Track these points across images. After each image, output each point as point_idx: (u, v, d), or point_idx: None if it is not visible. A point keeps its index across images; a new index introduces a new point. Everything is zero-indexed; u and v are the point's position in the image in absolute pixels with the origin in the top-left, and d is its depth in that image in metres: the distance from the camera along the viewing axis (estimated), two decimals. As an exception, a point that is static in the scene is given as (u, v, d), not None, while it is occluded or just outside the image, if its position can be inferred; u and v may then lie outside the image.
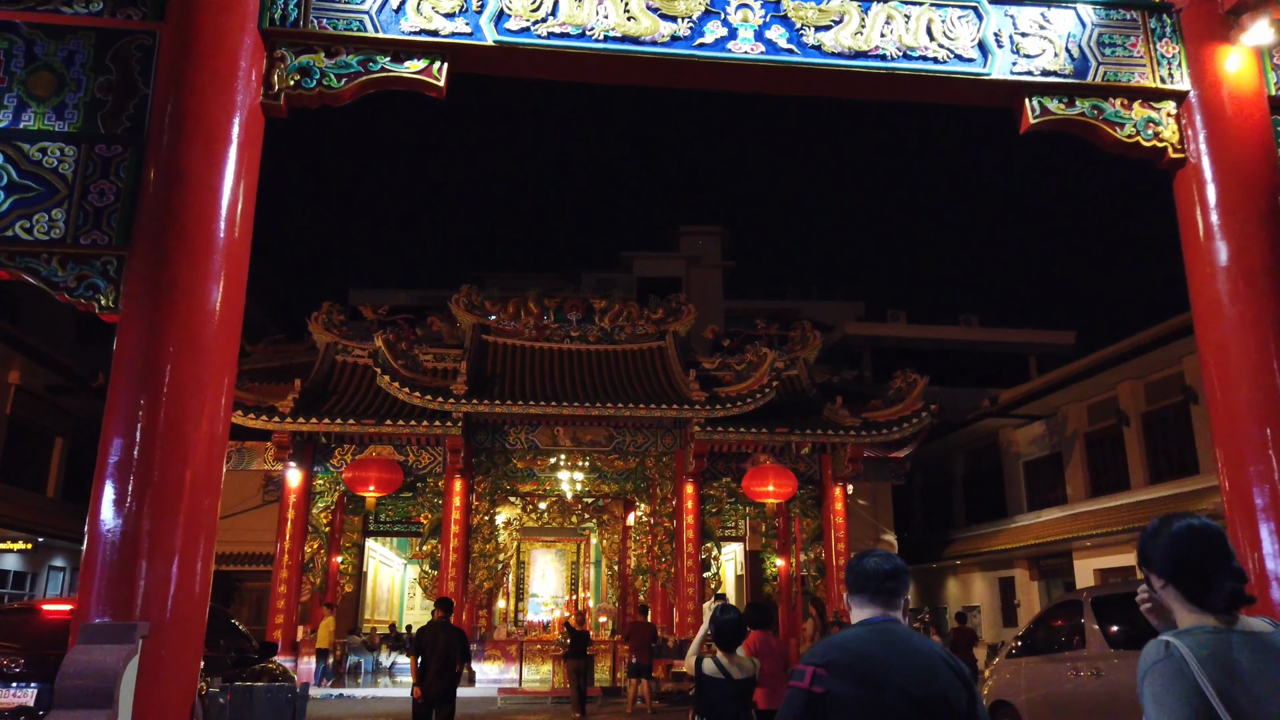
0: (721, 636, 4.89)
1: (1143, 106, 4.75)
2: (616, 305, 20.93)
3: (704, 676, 4.86)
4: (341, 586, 20.66)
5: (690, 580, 17.89)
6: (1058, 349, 35.18)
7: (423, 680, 7.89)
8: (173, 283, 3.44)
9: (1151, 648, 2.01)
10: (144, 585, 3.13)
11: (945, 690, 2.30)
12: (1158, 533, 2.16)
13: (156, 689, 3.06)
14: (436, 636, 7.98)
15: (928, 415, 18.02)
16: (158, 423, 3.28)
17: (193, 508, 3.36)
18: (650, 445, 18.66)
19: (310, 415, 16.72)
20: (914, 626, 13.02)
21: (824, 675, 2.29)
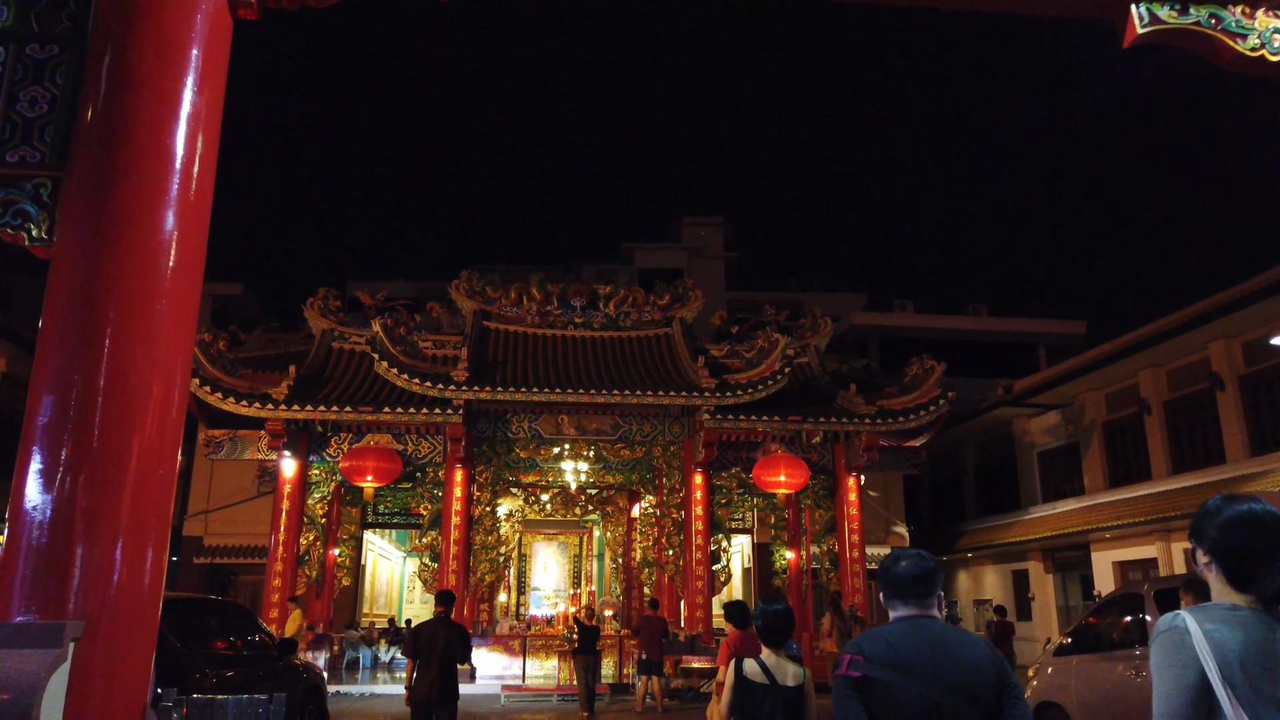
0: (768, 631, 4.10)
1: (1268, 15, 4.09)
2: (622, 291, 20.31)
3: (744, 680, 4.01)
4: (339, 580, 20.05)
5: (699, 573, 17.30)
6: (1068, 339, 34.59)
7: (421, 682, 7.28)
8: (119, 209, 2.81)
9: (1163, 620, 2.07)
10: (78, 576, 2.50)
11: (976, 680, 2.51)
12: (1218, 510, 2.12)
13: (92, 703, 2.46)
14: (436, 634, 7.36)
15: (945, 403, 17.41)
16: (98, 377, 2.65)
17: (142, 482, 2.73)
18: (657, 434, 18.05)
19: (305, 402, 16.10)
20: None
21: (861, 661, 2.54)
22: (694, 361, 18.16)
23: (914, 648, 2.56)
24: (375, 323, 16.58)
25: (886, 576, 2.72)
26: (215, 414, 16.74)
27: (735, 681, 4.07)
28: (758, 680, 3.99)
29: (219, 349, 16.34)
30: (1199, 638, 1.96)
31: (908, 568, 2.69)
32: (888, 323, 34.94)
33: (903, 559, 2.73)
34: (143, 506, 2.75)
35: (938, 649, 2.56)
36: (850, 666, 2.55)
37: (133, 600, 2.65)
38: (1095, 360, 21.03)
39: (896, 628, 2.65)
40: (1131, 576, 20.61)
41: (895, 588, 2.70)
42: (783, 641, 4.10)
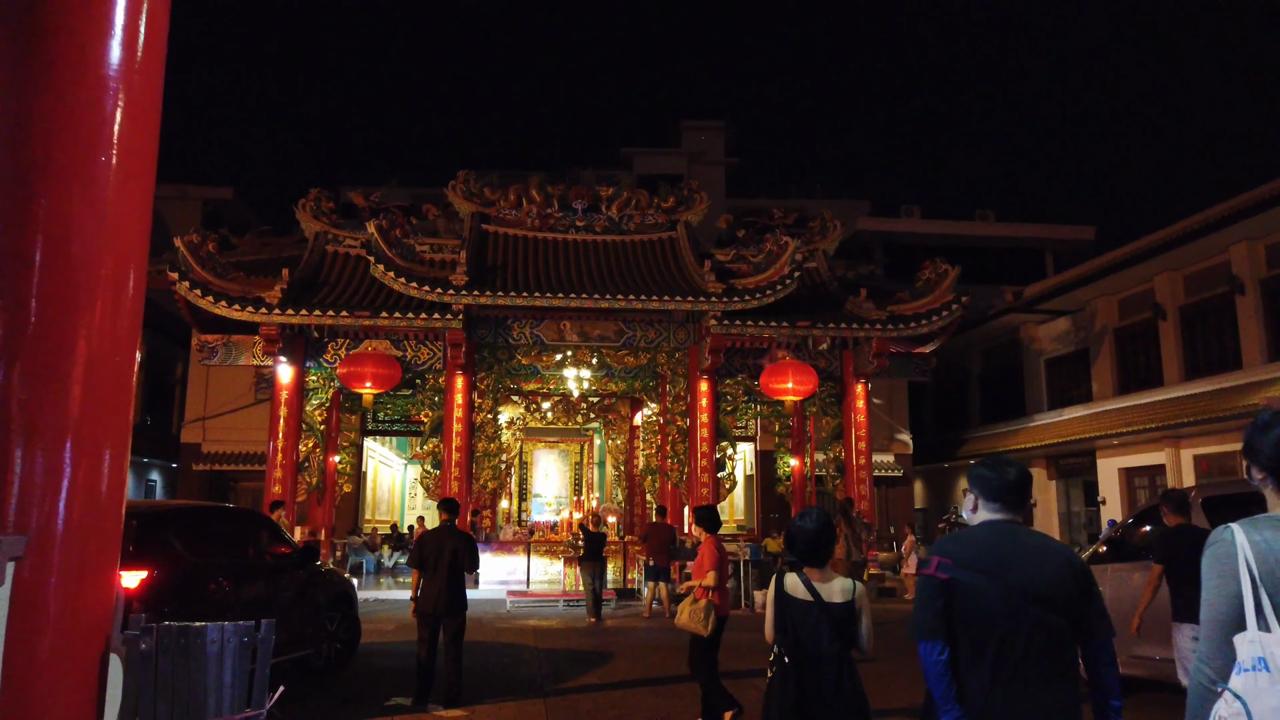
0: (808, 547, 3.63)
1: None
2: (625, 193, 19.61)
3: (785, 596, 3.61)
4: (340, 487, 19.91)
5: (704, 480, 17.11)
6: (1076, 245, 33.97)
7: (428, 592, 7.01)
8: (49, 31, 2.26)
9: (1214, 532, 2.11)
10: (18, 484, 2.06)
11: (1059, 583, 2.55)
12: (1270, 426, 2.12)
13: (42, 633, 2.05)
14: (442, 542, 7.05)
15: (959, 307, 16.95)
16: (31, 242, 2.17)
17: (94, 372, 2.26)
18: (662, 340, 17.63)
19: (300, 307, 15.60)
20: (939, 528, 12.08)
21: (949, 564, 2.58)
22: (700, 266, 17.62)
23: (1001, 551, 2.59)
24: (370, 224, 15.95)
25: (992, 482, 2.71)
26: (207, 318, 16.26)
27: (775, 596, 3.68)
28: (800, 597, 3.59)
29: (208, 251, 15.75)
30: (1245, 547, 2.00)
31: (1018, 475, 2.72)
32: (894, 228, 34.20)
33: (1011, 467, 2.75)
34: (95, 401, 2.29)
35: (1023, 553, 2.59)
36: (938, 569, 2.59)
37: (88, 511, 2.21)
38: (1110, 264, 20.50)
39: (983, 532, 2.69)
40: (1137, 483, 20.54)
41: (999, 492, 2.70)
42: (824, 559, 3.67)
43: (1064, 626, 2.54)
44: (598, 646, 10.47)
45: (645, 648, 10.42)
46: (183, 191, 31.45)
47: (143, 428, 27.03)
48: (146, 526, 6.41)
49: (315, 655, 8.33)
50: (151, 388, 27.76)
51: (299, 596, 8.16)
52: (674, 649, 10.11)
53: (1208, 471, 18.16)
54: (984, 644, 2.50)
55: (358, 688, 7.95)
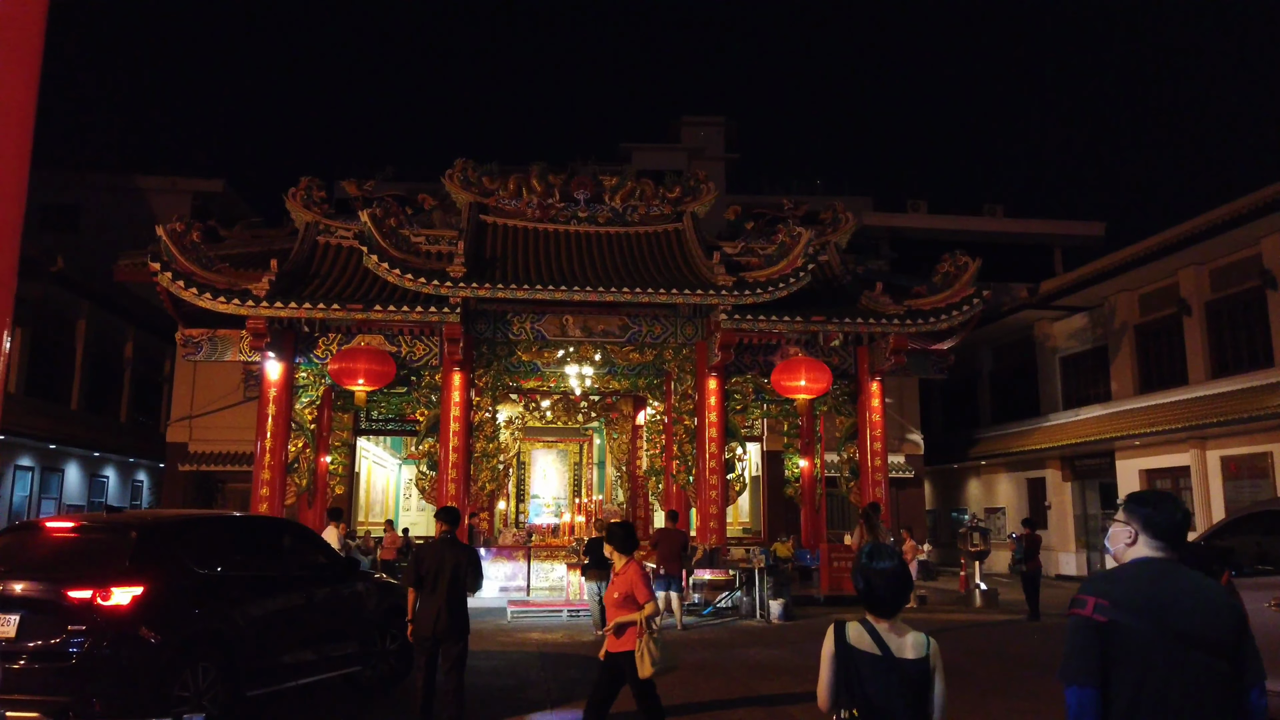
0: (887, 593, 2.99)
1: None
2: (629, 183, 18.80)
3: (849, 650, 2.97)
4: (331, 488, 19.11)
5: (713, 482, 16.35)
6: (1086, 241, 33.34)
7: (425, 613, 6.24)
8: None
9: None
10: None
11: (1220, 625, 2.40)
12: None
13: None
14: (442, 557, 6.23)
15: (979, 302, 16.20)
16: None
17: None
18: (669, 336, 16.85)
19: (289, 299, 14.79)
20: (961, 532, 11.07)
21: (1106, 605, 2.42)
22: (708, 259, 16.86)
23: (1161, 593, 2.44)
24: (363, 213, 15.17)
25: (1157, 519, 2.55)
26: (192, 312, 15.44)
27: (836, 651, 2.99)
28: (867, 650, 2.94)
29: (192, 240, 14.94)
30: None
31: (1184, 514, 2.58)
32: (900, 224, 33.49)
33: (1177, 505, 2.60)
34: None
35: (1183, 594, 2.43)
36: (1095, 610, 2.44)
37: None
38: (1131, 259, 19.80)
39: (1142, 571, 2.52)
40: (1159, 485, 19.83)
41: (1164, 530, 2.55)
42: (895, 611, 3.01)
43: (1227, 673, 2.39)
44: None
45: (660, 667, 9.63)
46: (172, 183, 30.63)
47: (129, 426, 26.23)
48: (148, 538, 6.14)
49: (365, 672, 7.99)
50: (139, 385, 26.93)
51: (340, 610, 7.72)
52: (693, 667, 9.35)
53: (1236, 474, 17.46)
54: (1141, 691, 2.36)
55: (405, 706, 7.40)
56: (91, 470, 24.74)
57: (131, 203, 28.97)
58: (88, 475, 24.52)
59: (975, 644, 11.67)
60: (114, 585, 5.62)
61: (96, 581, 5.63)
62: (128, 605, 5.62)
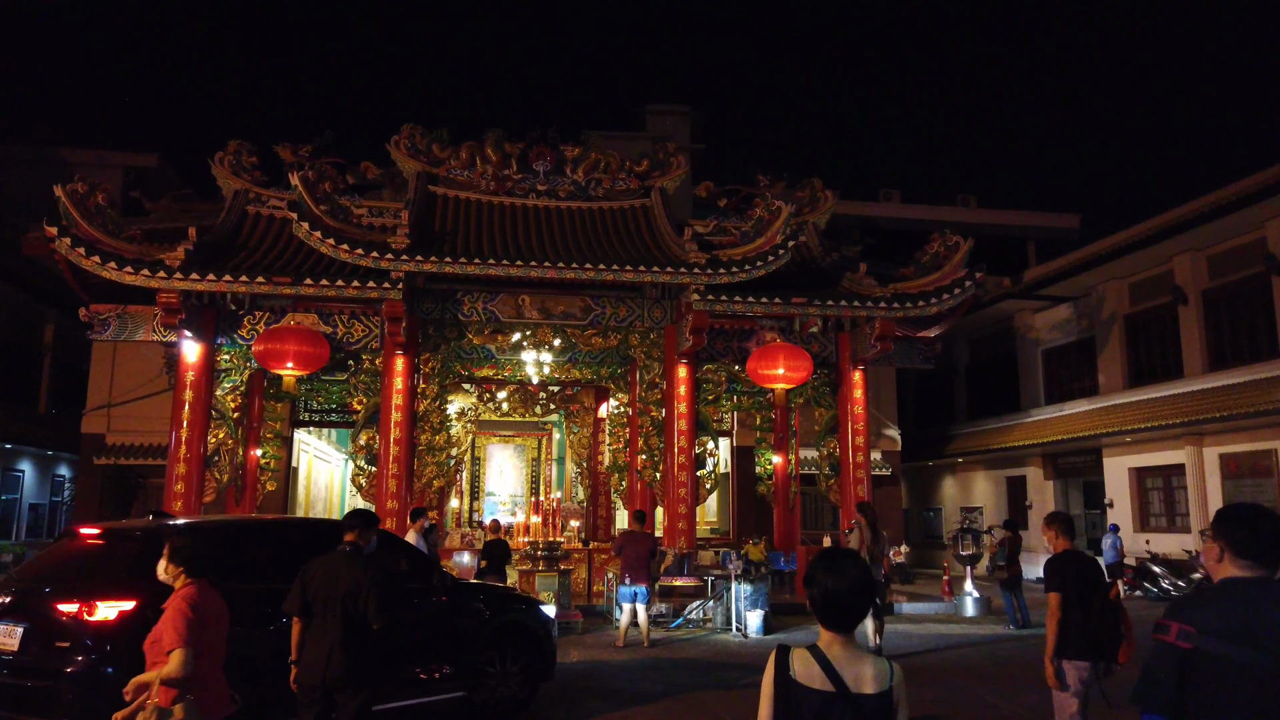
0: (830, 607, 2.39)
1: None
2: (593, 154, 17.31)
3: (792, 686, 2.35)
4: (262, 484, 17.41)
5: (682, 479, 14.95)
6: (1061, 233, 32.49)
7: (313, 654, 4.58)
8: None
9: None
10: None
11: None
12: None
13: None
14: (335, 577, 4.63)
15: (972, 285, 15.00)
16: None
17: None
18: (635, 319, 15.41)
19: (207, 271, 13.10)
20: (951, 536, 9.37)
21: (1191, 632, 2.27)
22: (678, 236, 15.46)
23: (1258, 617, 2.25)
24: (293, 176, 13.51)
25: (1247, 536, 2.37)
26: (98, 284, 13.69)
27: (776, 687, 2.39)
28: (817, 687, 2.34)
29: (97, 203, 13.19)
30: None
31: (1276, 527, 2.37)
32: (873, 213, 32.34)
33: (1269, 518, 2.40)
34: None
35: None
36: (1179, 636, 2.29)
37: None
38: (1122, 245, 18.77)
39: (1234, 593, 2.34)
40: (1150, 484, 18.84)
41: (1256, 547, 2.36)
42: (853, 623, 2.43)
43: None
44: (566, 692, 8.21)
45: (629, 695, 8.19)
46: (100, 157, 28.46)
47: (50, 417, 24.17)
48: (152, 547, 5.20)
49: (475, 698, 7.03)
50: (61, 373, 24.84)
51: (427, 626, 6.83)
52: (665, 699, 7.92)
53: (1236, 472, 16.46)
54: None
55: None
56: (3, 464, 22.67)
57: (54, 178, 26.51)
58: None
59: (980, 661, 10.40)
60: (101, 599, 5.15)
61: (85, 595, 5.20)
62: (113, 621, 5.11)
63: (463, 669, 6.93)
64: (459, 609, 7.11)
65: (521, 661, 7.30)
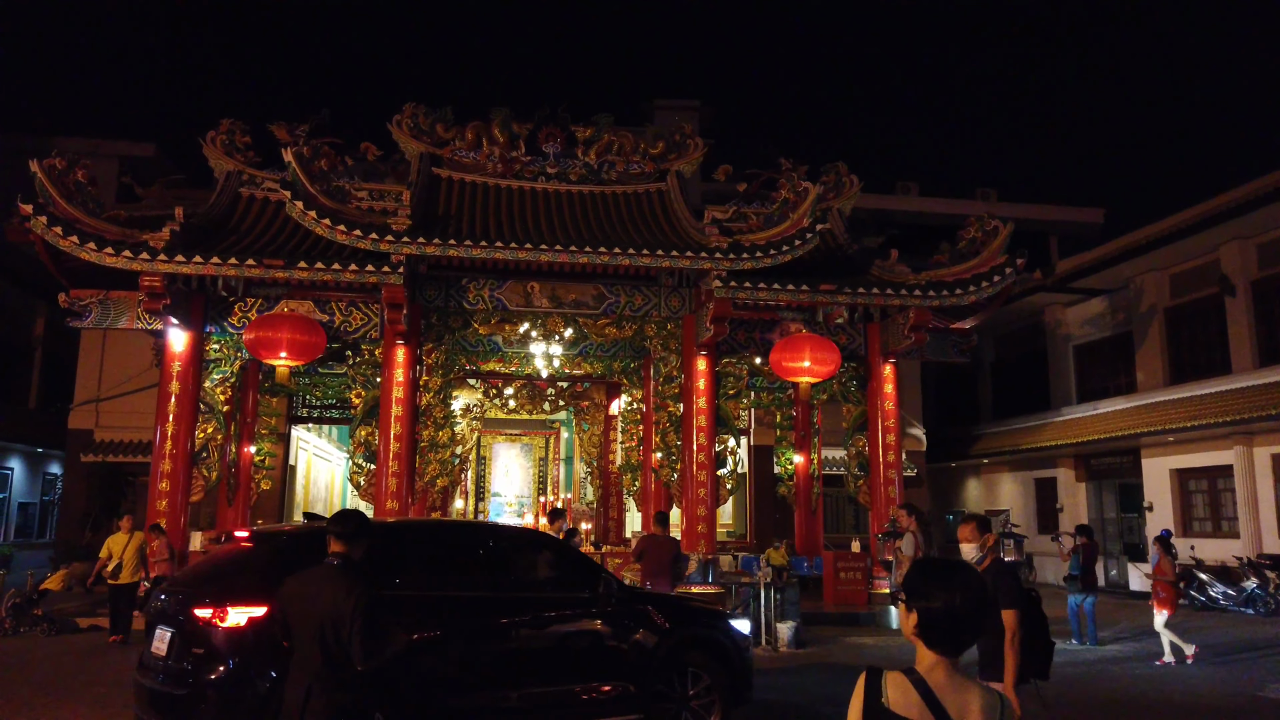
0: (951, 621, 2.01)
1: None
2: (605, 135, 16.38)
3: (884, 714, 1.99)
4: (256, 483, 16.51)
5: (702, 479, 14.00)
6: (1084, 227, 31.42)
7: (291, 689, 3.72)
8: None
9: None
10: None
11: None
12: None
13: None
14: (316, 598, 3.69)
15: (1013, 271, 14.04)
16: None
17: None
18: (651, 308, 14.48)
19: (193, 254, 12.19)
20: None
21: None
22: (697, 221, 14.55)
23: None
24: (287, 152, 12.61)
25: None
26: (79, 268, 12.80)
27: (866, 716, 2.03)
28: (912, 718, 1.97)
29: (77, 180, 12.31)
30: None
31: None
32: (890, 206, 31.33)
33: None
34: None
35: None
36: None
37: None
38: (1165, 233, 17.77)
39: None
40: (1194, 486, 17.83)
41: None
42: (966, 646, 2.04)
43: None
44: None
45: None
46: (95, 146, 27.56)
47: (40, 414, 23.30)
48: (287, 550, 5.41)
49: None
50: (53, 368, 23.97)
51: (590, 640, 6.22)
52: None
53: (1291, 473, 15.44)
54: None
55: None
56: (-10, 462, 21.82)
57: (48, 165, 25.98)
58: (-15, 467, 21.60)
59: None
60: (233, 604, 4.99)
61: (220, 599, 5.04)
62: (244, 627, 4.96)
63: (634, 689, 6.21)
64: (629, 621, 6.39)
65: (706, 683, 6.50)
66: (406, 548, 6.08)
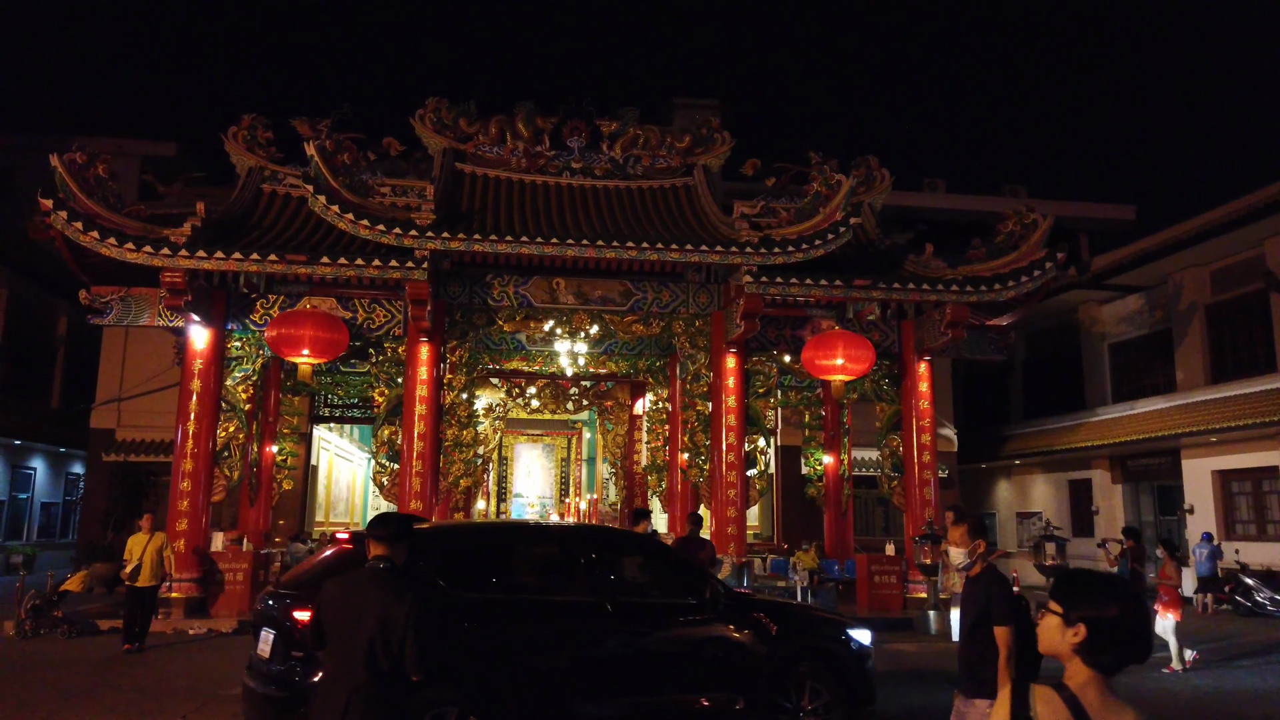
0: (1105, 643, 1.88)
1: None
2: (631, 129, 16.08)
3: None
4: (278, 483, 16.32)
5: (732, 479, 13.66)
6: (1115, 224, 30.79)
7: (328, 701, 3.34)
8: None
9: None
10: None
11: None
12: None
13: None
14: (361, 605, 3.39)
15: (1053, 266, 13.61)
16: None
17: None
18: (679, 305, 14.15)
19: (214, 249, 11.98)
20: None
21: None
22: (726, 216, 14.21)
23: None
24: (309, 146, 12.38)
25: None
26: (100, 264, 12.62)
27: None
28: None
29: (97, 175, 12.12)
30: None
31: None
32: (916, 204, 30.81)
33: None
34: None
35: None
36: None
37: None
38: (1205, 228, 17.26)
39: None
40: (1237, 488, 17.30)
41: None
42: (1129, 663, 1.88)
43: None
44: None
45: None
46: (117, 146, 27.51)
47: (64, 413, 23.25)
48: None
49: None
50: (76, 367, 23.92)
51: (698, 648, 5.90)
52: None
53: (1342, 475, 14.90)
54: None
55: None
56: (13, 461, 21.79)
57: (71, 165, 25.97)
58: (8, 466, 21.56)
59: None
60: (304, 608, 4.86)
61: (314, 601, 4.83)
62: None
63: (743, 703, 5.87)
64: (739, 629, 6.06)
65: (825, 698, 6.13)
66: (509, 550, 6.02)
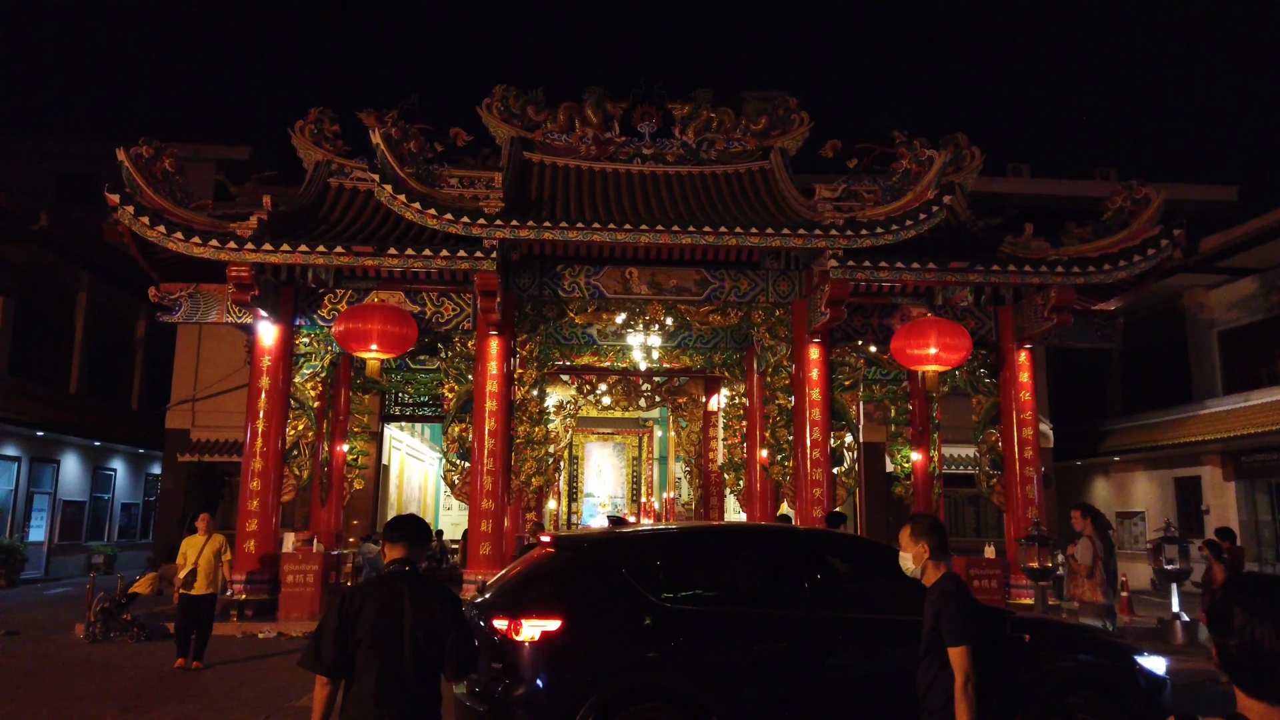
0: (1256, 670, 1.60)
1: None
2: (704, 112, 15.40)
3: None
4: (349, 483, 16.06)
5: (817, 476, 12.88)
6: (1215, 206, 28.94)
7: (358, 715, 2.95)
8: None
9: None
10: None
11: None
12: None
13: None
14: (396, 613, 2.99)
15: (1169, 244, 12.50)
16: None
17: None
18: (758, 294, 13.43)
19: (280, 242, 11.68)
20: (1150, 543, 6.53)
21: None
22: (806, 199, 13.44)
23: None
24: (375, 133, 12.00)
25: None
26: (168, 260, 12.46)
27: None
28: None
29: (164, 169, 11.93)
30: None
31: None
32: (999, 189, 29.43)
33: None
34: None
35: None
36: None
37: None
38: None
39: None
40: (1372, 485, 15.81)
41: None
42: None
43: None
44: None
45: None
46: (194, 151, 27.90)
47: (143, 414, 23.57)
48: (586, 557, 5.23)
49: None
50: (155, 369, 24.23)
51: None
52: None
53: None
54: None
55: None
56: (95, 462, 22.10)
57: (148, 170, 26.39)
58: (90, 467, 21.87)
59: None
60: (527, 617, 4.68)
61: (515, 611, 4.75)
62: (537, 641, 4.64)
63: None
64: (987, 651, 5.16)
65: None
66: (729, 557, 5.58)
